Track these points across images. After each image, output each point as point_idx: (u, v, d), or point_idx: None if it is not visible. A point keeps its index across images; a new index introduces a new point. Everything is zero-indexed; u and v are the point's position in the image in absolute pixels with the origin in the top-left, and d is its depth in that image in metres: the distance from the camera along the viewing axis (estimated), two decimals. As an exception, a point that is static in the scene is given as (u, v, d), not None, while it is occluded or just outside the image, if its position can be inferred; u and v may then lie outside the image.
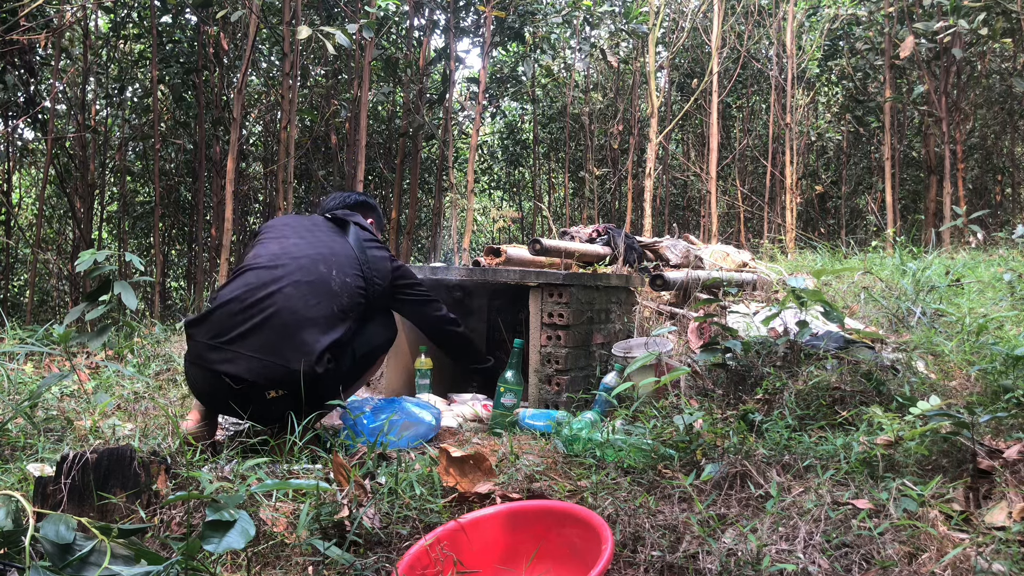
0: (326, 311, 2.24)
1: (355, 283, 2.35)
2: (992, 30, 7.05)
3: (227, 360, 2.16)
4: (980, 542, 1.49)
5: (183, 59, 7.40)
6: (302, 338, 2.18)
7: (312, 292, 2.24)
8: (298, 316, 2.19)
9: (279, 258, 2.32)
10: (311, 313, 2.21)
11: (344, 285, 2.32)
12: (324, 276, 2.29)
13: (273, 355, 2.16)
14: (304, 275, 2.27)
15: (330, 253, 2.37)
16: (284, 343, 2.17)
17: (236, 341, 2.17)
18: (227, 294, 2.25)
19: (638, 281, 3.67)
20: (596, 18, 8.76)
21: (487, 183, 13.02)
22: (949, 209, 7.33)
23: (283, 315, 2.19)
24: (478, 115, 7.67)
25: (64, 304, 9.07)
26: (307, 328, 2.19)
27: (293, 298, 2.22)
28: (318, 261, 2.32)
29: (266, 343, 2.17)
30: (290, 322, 2.18)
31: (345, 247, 2.43)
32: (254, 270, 2.30)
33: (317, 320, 2.21)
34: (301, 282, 2.25)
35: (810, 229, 10.45)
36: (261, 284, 2.24)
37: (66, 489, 1.61)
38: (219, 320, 2.21)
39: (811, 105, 10.84)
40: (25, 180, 10.51)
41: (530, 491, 1.94)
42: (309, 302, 2.22)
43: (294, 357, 2.16)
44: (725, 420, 2.25)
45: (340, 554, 1.58)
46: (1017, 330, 2.95)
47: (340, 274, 2.33)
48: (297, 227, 2.49)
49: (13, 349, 3.13)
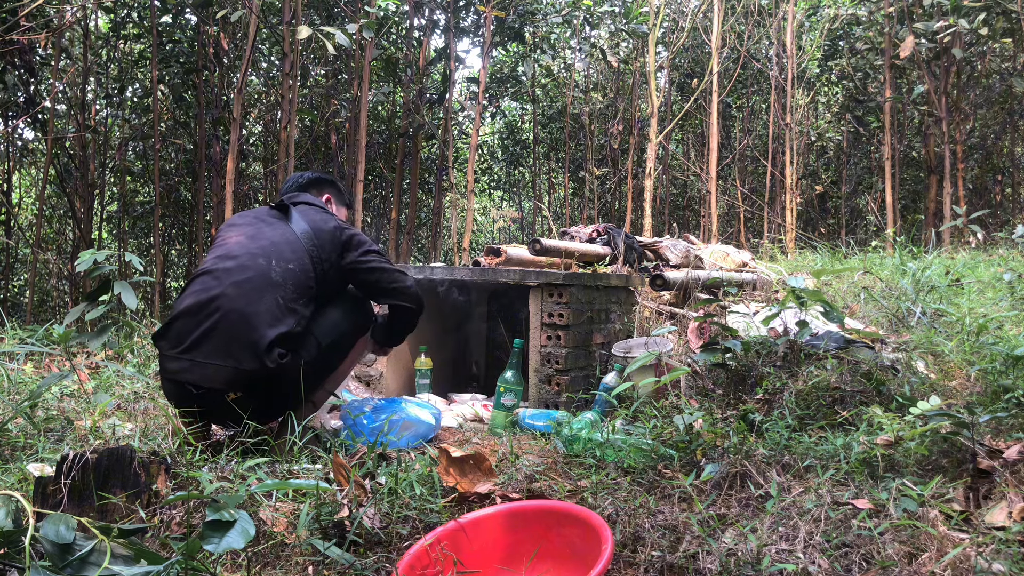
0: (270, 304, 2.22)
1: (299, 268, 2.31)
2: (992, 30, 7.05)
3: (185, 369, 2.20)
4: (980, 542, 1.49)
5: (183, 59, 7.39)
6: (249, 337, 2.17)
7: (253, 288, 2.23)
8: (241, 314, 2.19)
9: (222, 260, 2.31)
10: (253, 309, 2.20)
11: (286, 273, 2.28)
12: (263, 269, 2.27)
13: (224, 358, 2.17)
14: (242, 273, 2.26)
15: (269, 244, 2.34)
16: (232, 344, 2.17)
17: (191, 350, 2.20)
18: (180, 304, 2.28)
19: (638, 281, 3.67)
20: (596, 18, 8.76)
21: (487, 183, 13.02)
22: (949, 209, 7.33)
23: (229, 317, 2.19)
24: (478, 115, 7.67)
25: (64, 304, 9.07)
26: (253, 325, 2.18)
27: (235, 298, 2.21)
28: (256, 255, 2.30)
29: (216, 347, 2.18)
30: (236, 322, 2.19)
31: (286, 233, 2.38)
32: (200, 277, 2.31)
33: (262, 315, 2.20)
34: (240, 280, 2.24)
35: (810, 229, 10.45)
36: (206, 290, 2.25)
37: (66, 489, 1.61)
38: (176, 331, 2.24)
39: (811, 105, 10.83)
40: (25, 180, 10.51)
41: (530, 491, 1.94)
42: (251, 299, 2.21)
43: (244, 356, 2.16)
44: (725, 420, 2.25)
45: (340, 554, 1.58)
46: (1017, 330, 2.95)
47: (280, 263, 2.29)
48: (241, 224, 2.46)
49: (13, 349, 3.13)
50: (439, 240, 9.50)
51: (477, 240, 13.63)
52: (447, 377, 3.79)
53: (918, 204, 10.43)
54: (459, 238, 8.22)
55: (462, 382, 3.90)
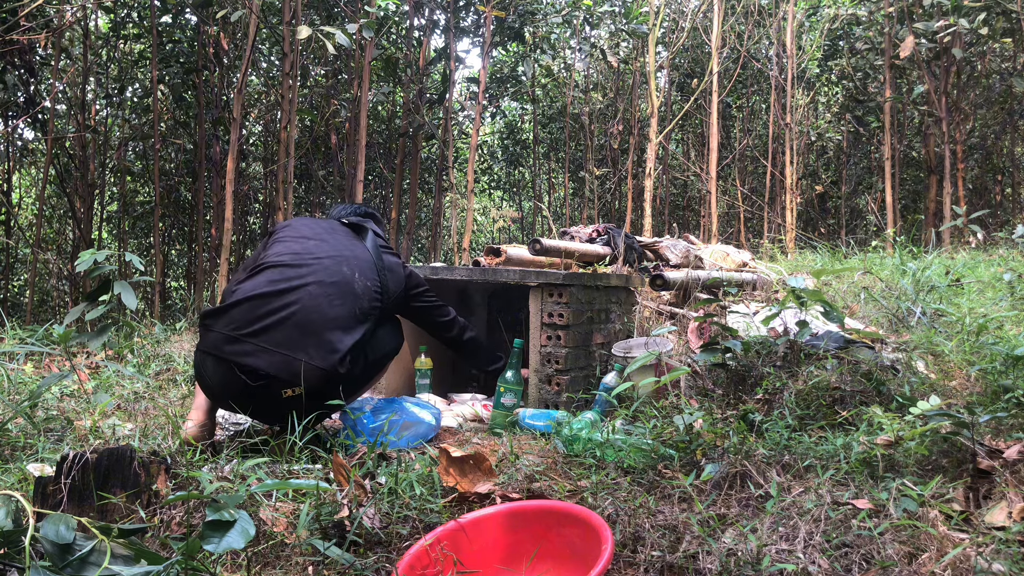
0: (348, 312, 2.26)
1: (374, 287, 2.38)
2: (992, 30, 7.05)
3: (247, 353, 2.15)
4: (980, 542, 1.49)
5: (183, 59, 7.39)
6: (326, 337, 2.19)
7: (336, 292, 2.26)
8: (322, 315, 2.21)
9: (301, 256, 2.33)
10: (334, 313, 2.22)
11: (365, 288, 2.35)
12: (347, 277, 2.31)
13: (296, 351, 2.16)
14: (328, 275, 2.29)
15: (352, 256, 2.40)
16: (307, 340, 2.18)
17: (258, 334, 2.17)
18: (249, 289, 2.25)
19: (638, 281, 3.67)
20: (596, 18, 8.76)
21: (487, 183, 13.02)
22: (949, 209, 7.33)
23: (307, 312, 2.20)
24: (478, 115, 7.67)
25: (64, 304, 9.07)
26: (330, 327, 2.20)
27: (318, 296, 2.23)
28: (341, 262, 2.35)
29: (289, 339, 2.17)
30: (315, 320, 2.20)
31: (364, 252, 2.46)
32: (277, 267, 2.30)
33: (339, 320, 2.23)
34: (325, 282, 2.27)
35: (810, 229, 10.45)
36: (284, 280, 2.25)
37: (66, 489, 1.61)
38: (241, 313, 2.20)
39: (811, 105, 10.83)
40: (25, 180, 10.51)
41: (530, 491, 1.94)
42: (333, 302, 2.24)
43: (317, 355, 2.17)
44: (725, 420, 2.25)
45: (340, 554, 1.58)
46: (1017, 330, 2.95)
47: (362, 277, 2.35)
48: (316, 228, 2.51)
49: (13, 349, 3.13)
50: (439, 240, 9.50)
51: (477, 240, 13.63)
52: (447, 377, 3.79)
53: (918, 204, 10.43)
54: (459, 238, 8.22)
55: (462, 382, 3.90)
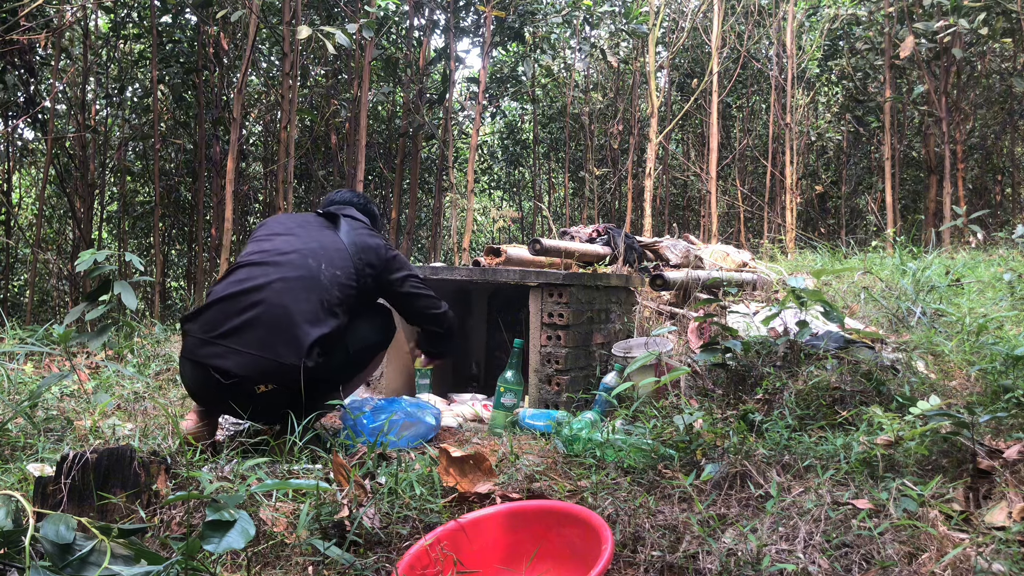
0: (315, 305, 2.25)
1: (344, 275, 2.36)
2: (992, 30, 7.05)
3: (218, 355, 2.19)
4: (980, 542, 1.49)
5: (183, 59, 7.39)
6: (293, 332, 2.19)
7: (301, 287, 2.26)
8: (287, 310, 2.21)
9: (269, 254, 2.34)
10: (300, 307, 2.23)
11: (333, 278, 2.32)
12: (313, 270, 2.30)
13: (263, 350, 2.18)
14: (292, 270, 2.29)
15: (319, 247, 2.38)
16: (274, 338, 2.19)
17: (228, 336, 2.20)
18: (220, 291, 2.29)
19: (638, 281, 3.67)
20: (596, 18, 8.76)
21: (487, 183, 13.02)
22: (949, 209, 7.33)
23: (273, 310, 2.21)
24: (478, 115, 7.67)
25: (64, 304, 9.07)
26: (297, 322, 2.20)
27: (282, 293, 2.24)
28: (307, 256, 2.34)
29: (256, 338, 2.19)
30: (280, 316, 2.21)
31: (335, 241, 2.43)
32: (246, 267, 2.33)
33: (306, 314, 2.22)
34: (289, 277, 2.27)
35: (810, 229, 10.45)
36: (251, 279, 2.27)
37: (66, 489, 1.61)
38: (212, 316, 2.25)
39: (811, 105, 10.83)
40: (25, 180, 10.51)
41: (530, 491, 1.94)
42: (298, 296, 2.24)
43: (284, 351, 2.18)
44: (725, 420, 2.25)
45: (340, 554, 1.58)
46: (1017, 330, 2.95)
47: (329, 267, 2.33)
48: (289, 224, 2.51)
49: (13, 349, 3.13)
50: (439, 240, 9.50)
51: (477, 240, 13.63)
52: (447, 377, 3.79)
53: (918, 204, 10.43)
54: (459, 238, 8.21)
55: (462, 382, 3.90)
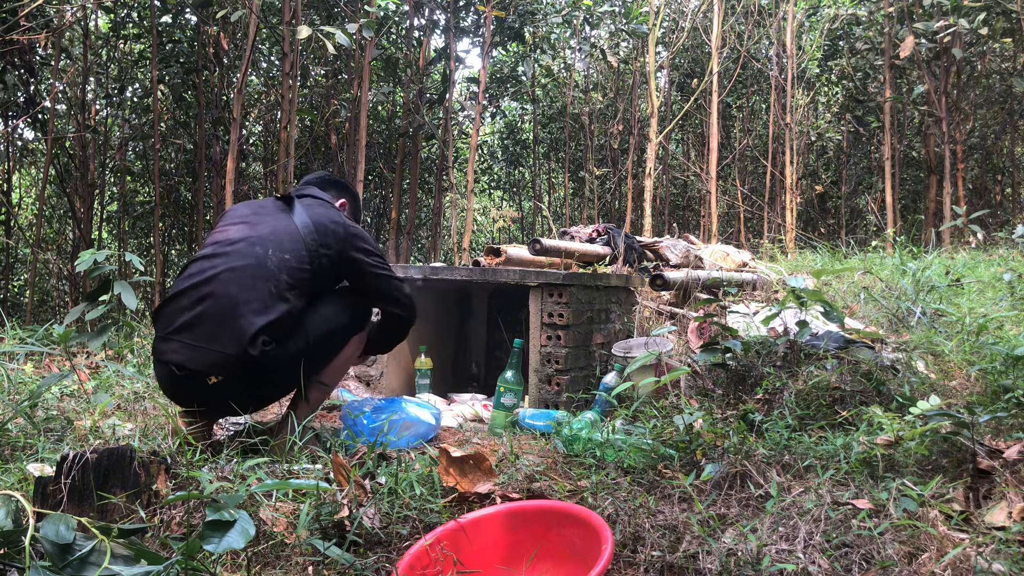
0: (262, 292, 2.23)
1: (295, 258, 2.31)
2: (992, 30, 7.04)
3: (173, 350, 2.22)
4: (980, 542, 1.49)
5: (183, 59, 7.39)
6: (238, 323, 2.19)
7: (248, 275, 2.24)
8: (232, 300, 2.21)
9: (219, 246, 2.33)
10: (245, 296, 2.21)
11: (282, 263, 2.28)
12: (259, 256, 2.28)
13: (210, 342, 2.19)
14: (239, 259, 2.27)
15: (269, 232, 2.34)
16: (220, 329, 2.20)
17: (181, 331, 2.22)
18: (175, 287, 2.31)
19: (638, 281, 3.67)
20: (596, 18, 8.76)
21: (487, 183, 13.02)
22: (949, 209, 7.32)
23: (219, 301, 2.21)
24: (478, 115, 7.67)
25: (64, 304, 9.07)
26: (242, 312, 2.20)
27: (228, 283, 2.23)
28: (254, 243, 2.31)
29: (204, 331, 2.20)
30: (226, 307, 2.21)
31: (287, 223, 2.38)
32: (197, 261, 2.34)
33: (251, 302, 2.21)
34: (235, 267, 2.26)
35: (810, 229, 10.45)
36: (200, 273, 2.27)
37: (66, 489, 1.61)
38: (168, 312, 2.28)
39: (811, 105, 10.83)
40: (25, 180, 10.51)
41: (530, 491, 1.94)
42: (244, 285, 2.23)
43: (229, 342, 2.18)
44: (725, 420, 2.25)
45: (340, 554, 1.58)
46: (1017, 330, 2.95)
47: (277, 252, 2.30)
48: (243, 213, 2.48)
49: (13, 349, 3.13)
50: (439, 240, 9.50)
51: (477, 240, 13.62)
52: (447, 377, 3.79)
53: (918, 204, 10.43)
54: (459, 238, 8.21)
55: (462, 382, 3.90)
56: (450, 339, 3.91)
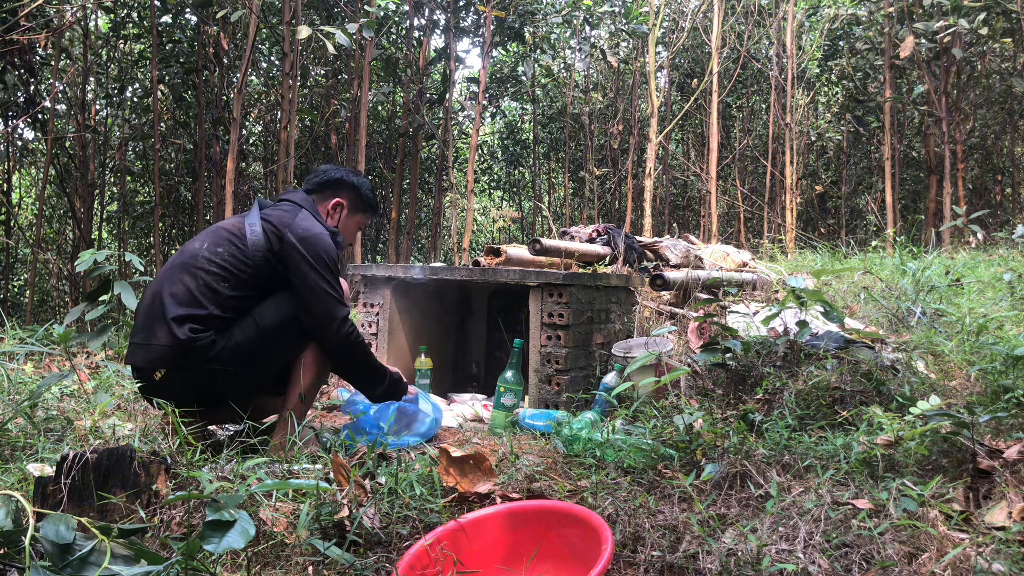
0: (187, 284, 2.28)
1: (228, 251, 2.31)
2: (992, 30, 7.04)
3: (131, 353, 2.33)
4: (980, 542, 1.49)
5: (183, 59, 7.39)
6: (161, 313, 2.26)
7: (177, 270, 2.32)
8: (161, 294, 2.29)
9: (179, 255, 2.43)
10: (172, 289, 2.28)
11: (214, 255, 2.31)
12: (192, 252, 2.34)
13: (147, 337, 2.27)
14: (176, 259, 2.36)
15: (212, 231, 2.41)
16: (152, 323, 2.28)
17: (134, 334, 2.35)
18: None
19: (638, 281, 3.67)
20: (596, 18, 8.76)
21: (487, 183, 13.01)
22: (949, 209, 7.33)
23: (153, 297, 2.31)
24: (478, 115, 7.67)
25: (64, 304, 9.07)
26: (166, 302, 2.27)
27: (161, 281, 2.32)
28: (195, 242, 2.39)
29: (142, 327, 2.30)
30: (155, 302, 2.29)
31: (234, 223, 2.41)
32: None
33: (176, 294, 2.27)
34: (173, 265, 2.34)
35: (810, 229, 10.45)
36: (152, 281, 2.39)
37: (66, 489, 1.60)
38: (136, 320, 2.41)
39: (811, 105, 10.83)
40: (25, 180, 10.51)
41: (530, 491, 1.94)
42: (173, 278, 2.30)
43: (160, 332, 2.25)
44: (725, 420, 2.25)
45: (340, 554, 1.58)
46: (1017, 330, 2.95)
47: (211, 246, 2.34)
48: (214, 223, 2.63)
49: (13, 349, 3.13)
50: (439, 240, 9.50)
51: (477, 240, 13.62)
52: (447, 377, 3.79)
53: (918, 204, 10.43)
54: (459, 238, 8.21)
55: (462, 382, 3.90)
56: (450, 339, 3.91)
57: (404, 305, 3.51)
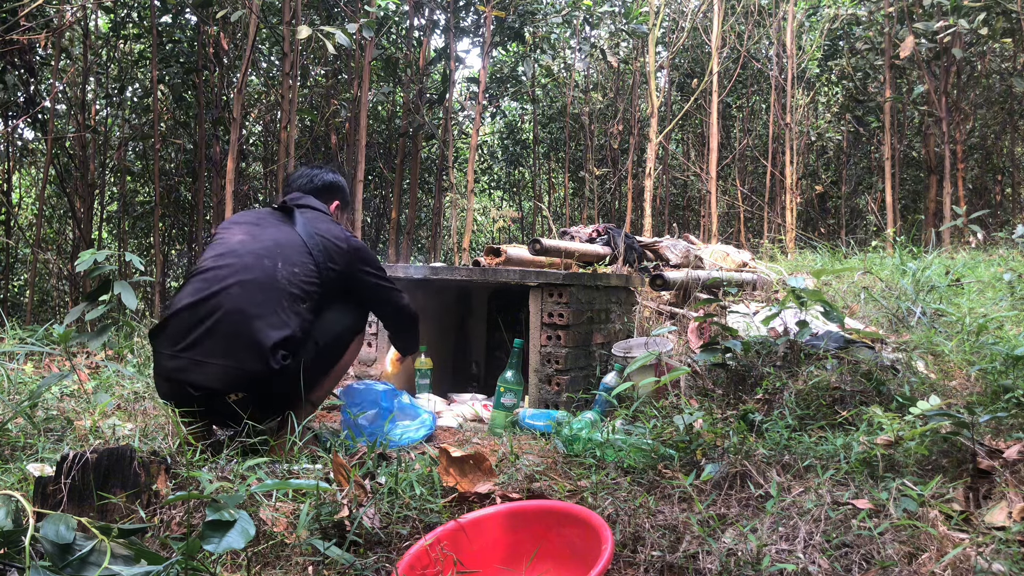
0: (274, 306, 2.21)
1: (303, 272, 2.30)
2: (992, 30, 7.04)
3: (185, 369, 2.16)
4: (980, 542, 1.49)
5: (183, 59, 7.39)
6: (254, 338, 2.15)
7: (257, 289, 2.21)
8: (245, 315, 2.17)
9: (223, 258, 2.29)
10: (258, 311, 2.18)
11: (292, 276, 2.27)
12: (269, 270, 2.25)
13: (226, 358, 2.15)
14: (248, 273, 2.23)
15: (274, 245, 2.32)
16: (235, 344, 2.15)
17: (191, 348, 2.16)
18: (179, 301, 2.24)
19: (638, 281, 3.66)
20: (596, 18, 8.76)
21: (487, 183, 13.01)
22: (949, 209, 7.33)
23: (231, 316, 2.17)
24: (478, 115, 7.67)
25: (64, 304, 9.07)
26: (256, 326, 2.16)
27: (239, 298, 2.19)
28: (262, 256, 2.28)
29: (218, 346, 2.16)
30: (239, 322, 2.17)
31: (291, 236, 2.37)
32: (203, 273, 2.27)
33: (265, 317, 2.18)
34: (245, 281, 2.22)
35: (810, 229, 10.44)
36: (207, 287, 2.22)
37: (66, 489, 1.60)
38: (174, 329, 2.21)
39: (811, 105, 10.83)
40: (25, 180, 10.51)
41: (530, 491, 1.94)
42: (256, 299, 2.19)
43: (247, 357, 2.14)
44: (725, 420, 2.25)
45: (340, 554, 1.58)
46: (1017, 330, 2.95)
47: (286, 265, 2.28)
48: (243, 223, 2.44)
49: (13, 349, 3.13)
50: (439, 240, 9.50)
51: (477, 240, 13.62)
52: (447, 377, 3.79)
53: (918, 204, 10.43)
54: (459, 238, 8.21)
55: (462, 382, 3.90)
56: (450, 339, 3.91)
57: (404, 305, 3.51)
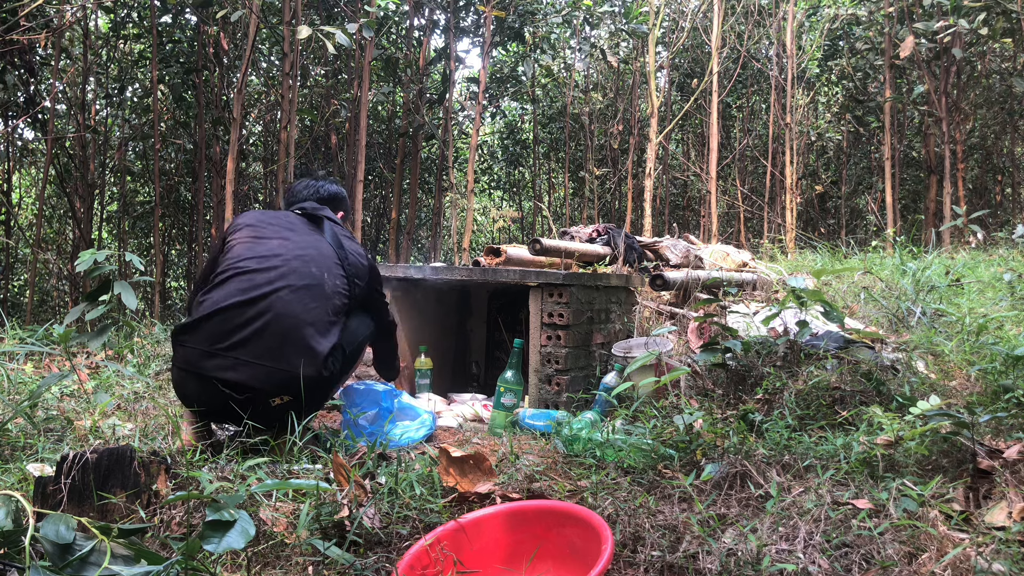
0: (322, 314, 2.25)
1: (342, 285, 2.38)
2: (992, 30, 7.04)
3: (227, 367, 2.14)
4: (980, 542, 1.49)
5: (183, 59, 7.39)
6: (306, 343, 2.18)
7: (309, 296, 2.25)
8: (298, 320, 2.19)
9: (267, 260, 2.29)
10: (310, 317, 2.21)
11: (335, 287, 2.34)
12: (318, 278, 2.30)
13: (277, 361, 2.15)
14: (298, 278, 2.26)
15: (317, 254, 2.36)
16: (287, 348, 2.16)
17: (236, 347, 2.15)
18: (219, 300, 2.21)
19: (638, 281, 3.66)
20: (596, 18, 8.75)
21: (487, 183, 13.01)
22: (949, 209, 7.33)
23: (282, 320, 2.17)
24: (478, 115, 7.67)
25: (64, 304, 9.07)
26: (309, 333, 2.19)
27: (291, 302, 2.21)
28: (308, 263, 2.32)
29: (268, 349, 2.15)
30: (291, 326, 2.17)
31: (326, 247, 2.42)
32: (244, 273, 2.26)
33: (317, 324, 2.22)
34: (296, 286, 2.24)
35: (810, 229, 10.45)
36: (254, 287, 2.21)
37: (66, 489, 1.60)
38: (214, 326, 2.17)
39: (811, 105, 10.83)
40: (25, 180, 10.51)
41: (530, 491, 1.94)
42: (308, 306, 2.22)
43: (298, 362, 2.15)
44: (725, 420, 2.25)
45: (340, 554, 1.58)
46: (1017, 330, 2.95)
47: (331, 277, 2.34)
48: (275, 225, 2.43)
49: (13, 349, 3.13)
50: (439, 240, 9.50)
51: (477, 240, 13.62)
52: (447, 377, 3.79)
53: (918, 204, 10.43)
54: (459, 238, 8.21)
55: (462, 382, 3.90)
56: (450, 339, 3.91)
57: (404, 305, 3.51)
